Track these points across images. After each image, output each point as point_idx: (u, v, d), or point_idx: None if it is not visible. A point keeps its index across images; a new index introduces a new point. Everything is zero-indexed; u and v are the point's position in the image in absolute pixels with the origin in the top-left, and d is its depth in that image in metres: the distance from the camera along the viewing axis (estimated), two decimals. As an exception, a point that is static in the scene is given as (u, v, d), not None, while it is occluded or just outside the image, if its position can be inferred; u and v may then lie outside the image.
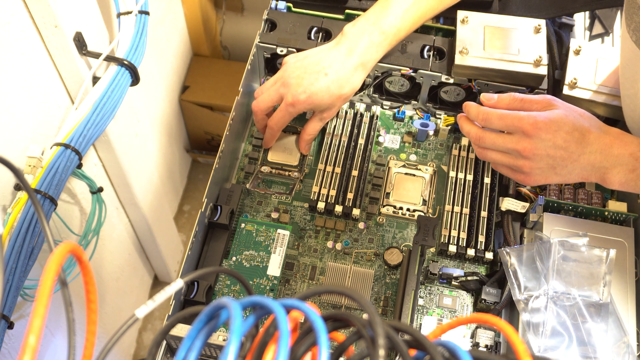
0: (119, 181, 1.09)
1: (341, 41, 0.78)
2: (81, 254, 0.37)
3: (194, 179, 1.76)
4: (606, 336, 0.66)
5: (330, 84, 0.76)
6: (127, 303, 1.34)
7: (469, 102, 0.70)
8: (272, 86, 0.80)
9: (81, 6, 0.79)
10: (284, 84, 0.78)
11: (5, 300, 0.64)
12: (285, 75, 0.78)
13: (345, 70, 0.77)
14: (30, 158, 0.73)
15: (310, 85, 0.76)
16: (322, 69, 0.77)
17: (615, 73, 0.80)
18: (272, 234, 0.79)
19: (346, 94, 0.78)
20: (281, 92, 0.78)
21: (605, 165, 0.64)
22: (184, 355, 0.36)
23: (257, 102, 0.81)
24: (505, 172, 0.70)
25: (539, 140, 0.64)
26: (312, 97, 0.77)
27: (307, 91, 0.76)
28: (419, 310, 0.77)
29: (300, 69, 0.78)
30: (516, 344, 0.35)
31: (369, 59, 0.78)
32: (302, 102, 0.77)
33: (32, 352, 0.31)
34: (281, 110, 0.79)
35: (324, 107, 0.79)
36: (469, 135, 0.70)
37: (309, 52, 0.80)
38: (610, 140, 0.64)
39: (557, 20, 0.92)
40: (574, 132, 0.63)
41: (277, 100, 0.79)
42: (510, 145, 0.65)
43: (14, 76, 0.73)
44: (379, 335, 0.34)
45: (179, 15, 1.45)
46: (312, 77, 0.76)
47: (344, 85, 0.77)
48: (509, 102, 0.68)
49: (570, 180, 0.67)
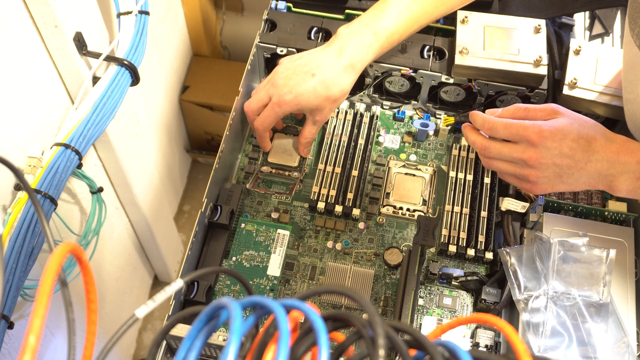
0: (119, 181, 1.09)
1: (333, 42, 0.78)
2: (81, 254, 0.37)
3: (194, 179, 1.76)
4: (606, 336, 0.66)
5: (317, 85, 0.76)
6: (127, 303, 1.34)
7: (475, 111, 0.70)
8: (262, 88, 0.80)
9: (81, 6, 0.79)
10: (273, 84, 0.78)
11: (5, 300, 0.64)
12: (275, 76, 0.78)
13: (333, 71, 0.76)
14: (30, 158, 0.73)
15: (297, 85, 0.76)
16: (310, 69, 0.76)
17: (615, 73, 0.80)
18: (272, 234, 0.79)
19: (334, 96, 0.77)
20: (270, 92, 0.78)
21: (612, 172, 0.63)
22: (184, 355, 0.36)
23: (248, 103, 0.81)
24: (511, 181, 0.69)
25: (544, 149, 0.63)
26: (298, 98, 0.76)
27: (293, 91, 0.76)
28: (419, 310, 0.77)
29: (290, 69, 0.77)
30: (516, 344, 0.35)
31: (359, 60, 0.77)
32: (288, 103, 0.77)
33: (32, 352, 0.31)
34: (267, 110, 0.79)
35: (311, 108, 0.78)
36: (474, 145, 0.69)
37: (303, 53, 0.80)
38: (617, 147, 0.63)
39: (557, 20, 0.92)
40: (579, 140, 0.63)
41: (267, 101, 0.79)
42: (516, 154, 0.65)
43: (14, 76, 0.73)
44: (379, 335, 0.34)
45: (179, 15, 1.45)
46: (299, 78, 0.76)
47: (331, 86, 0.77)
48: (513, 111, 0.68)
49: (577, 189, 0.66)
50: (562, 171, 0.64)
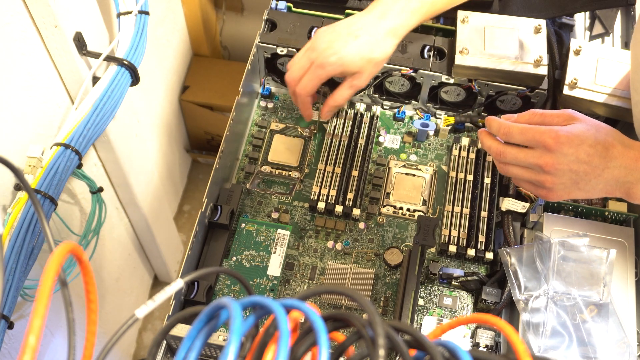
0: (119, 181, 1.09)
1: (374, 6, 0.77)
2: (81, 254, 0.37)
3: (194, 179, 1.76)
4: (606, 336, 0.66)
5: (362, 46, 0.75)
6: (127, 303, 1.34)
7: (491, 117, 0.68)
8: (302, 56, 0.78)
9: (81, 6, 0.79)
10: (314, 48, 0.77)
11: (5, 300, 0.64)
12: (316, 41, 0.77)
13: (376, 33, 0.75)
14: (30, 158, 0.73)
15: (341, 48, 0.75)
16: (353, 31, 0.75)
17: (615, 73, 0.79)
18: (272, 234, 0.79)
19: (377, 58, 0.77)
20: (311, 57, 0.77)
21: (630, 180, 0.61)
22: (184, 355, 0.36)
23: (290, 73, 0.79)
24: (527, 187, 0.68)
25: (561, 154, 0.61)
26: (343, 59, 0.75)
27: (337, 53, 0.75)
28: (419, 310, 0.77)
29: (331, 34, 0.76)
30: (516, 344, 0.35)
31: (402, 25, 0.76)
32: (332, 64, 0.76)
33: (32, 352, 0.31)
34: (309, 74, 0.77)
35: (353, 70, 0.77)
36: (490, 151, 0.68)
37: (339, 21, 0.79)
38: (635, 154, 0.62)
39: (557, 20, 0.92)
40: (597, 146, 0.61)
41: (308, 67, 0.77)
42: (532, 160, 0.63)
43: (14, 76, 0.73)
44: (379, 335, 0.34)
45: (179, 15, 1.45)
46: (342, 40, 0.75)
47: (375, 48, 0.76)
48: (529, 117, 0.67)
49: (594, 196, 0.64)
50: (578, 177, 0.62)
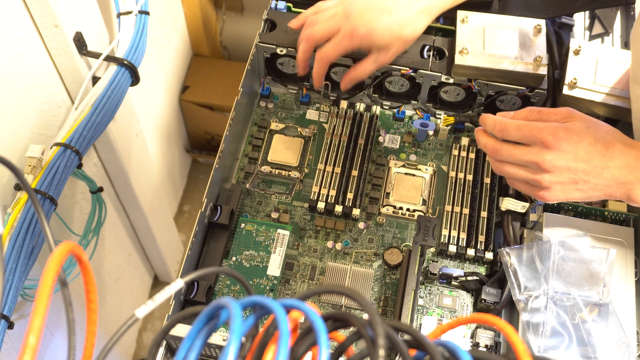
0: (119, 181, 1.09)
1: None
2: (81, 254, 0.37)
3: (194, 179, 1.76)
4: (606, 336, 0.66)
5: (393, 22, 0.74)
6: (127, 303, 1.34)
7: (485, 114, 0.67)
8: (331, 17, 0.77)
9: (81, 6, 0.79)
10: (346, 15, 0.75)
11: (5, 300, 0.64)
12: (350, 8, 0.75)
13: (409, 11, 0.74)
14: (30, 158, 0.73)
15: (373, 20, 0.74)
16: (386, 6, 0.74)
17: (615, 73, 0.79)
18: (272, 234, 0.79)
19: (406, 36, 0.76)
20: (340, 23, 0.75)
21: (630, 180, 0.60)
22: (184, 355, 0.36)
23: (311, 32, 0.77)
24: (523, 188, 0.66)
25: (559, 151, 0.60)
26: (372, 33, 0.74)
27: (367, 25, 0.74)
28: (419, 310, 0.77)
29: (365, 3, 0.75)
30: (516, 344, 0.35)
31: (436, 5, 0.75)
32: (360, 37, 0.75)
33: (32, 352, 0.31)
34: (334, 42, 0.76)
35: (381, 45, 0.76)
36: (485, 148, 0.66)
37: None
38: (636, 153, 0.60)
39: (557, 20, 0.92)
40: (596, 144, 0.60)
41: (334, 32, 0.76)
42: (528, 157, 0.61)
43: (14, 76, 0.73)
44: (379, 335, 0.34)
45: (179, 15, 1.45)
46: (375, 13, 0.74)
47: (406, 26, 0.75)
48: (526, 114, 0.65)
49: (593, 198, 0.62)
50: (577, 177, 0.60)
